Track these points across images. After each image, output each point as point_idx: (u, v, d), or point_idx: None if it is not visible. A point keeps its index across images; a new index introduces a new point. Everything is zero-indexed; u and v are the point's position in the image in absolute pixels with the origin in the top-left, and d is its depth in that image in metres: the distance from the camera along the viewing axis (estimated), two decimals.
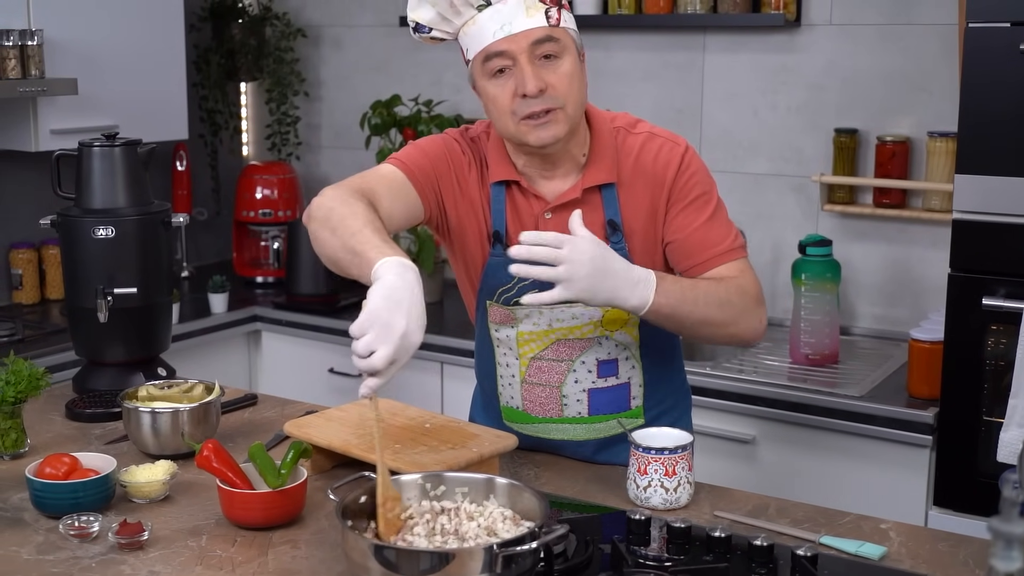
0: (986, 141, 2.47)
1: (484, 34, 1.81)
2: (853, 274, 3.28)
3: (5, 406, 2.03)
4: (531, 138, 1.84)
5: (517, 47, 1.80)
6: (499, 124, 1.88)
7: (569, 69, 1.83)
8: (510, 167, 1.94)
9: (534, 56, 1.81)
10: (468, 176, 1.97)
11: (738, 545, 1.64)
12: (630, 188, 1.92)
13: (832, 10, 3.26)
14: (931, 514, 2.64)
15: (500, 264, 1.94)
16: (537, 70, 1.80)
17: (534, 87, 1.79)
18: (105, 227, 2.33)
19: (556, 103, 1.82)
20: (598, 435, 2.02)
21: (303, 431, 1.96)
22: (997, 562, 0.99)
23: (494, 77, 1.83)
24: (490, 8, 1.81)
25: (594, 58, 3.66)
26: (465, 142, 1.99)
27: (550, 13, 1.82)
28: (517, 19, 1.80)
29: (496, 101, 1.84)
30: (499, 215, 1.95)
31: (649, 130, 1.97)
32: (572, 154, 1.92)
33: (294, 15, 4.26)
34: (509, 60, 1.81)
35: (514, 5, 1.80)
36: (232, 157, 4.35)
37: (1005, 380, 2.48)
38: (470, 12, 1.83)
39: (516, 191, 1.95)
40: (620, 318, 1.94)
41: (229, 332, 3.65)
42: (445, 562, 1.41)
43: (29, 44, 3.12)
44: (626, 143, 1.95)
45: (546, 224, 1.93)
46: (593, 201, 1.92)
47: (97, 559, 1.65)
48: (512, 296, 1.95)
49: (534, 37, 1.80)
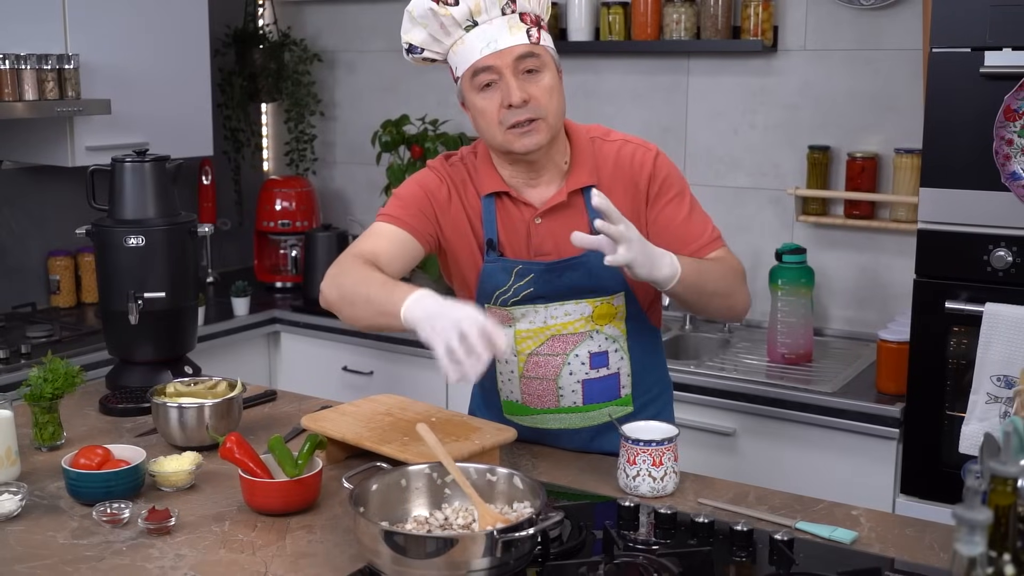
0: (948, 157, 2.47)
1: (472, 51, 1.84)
2: (826, 280, 3.28)
3: (43, 401, 2.03)
4: (517, 145, 1.85)
5: (502, 62, 1.82)
6: (487, 135, 1.90)
7: (549, 83, 1.86)
8: (498, 179, 1.95)
9: (518, 70, 1.83)
10: (448, 201, 1.98)
11: (720, 530, 1.64)
12: (610, 190, 1.92)
13: (806, 36, 3.26)
14: (898, 501, 2.63)
15: (495, 269, 1.94)
16: (521, 83, 1.83)
17: (518, 97, 1.82)
18: (136, 236, 2.33)
19: (538, 113, 1.84)
20: (592, 423, 2.01)
21: (319, 424, 1.95)
22: (961, 547, 0.98)
23: (482, 91, 1.85)
24: (477, 28, 1.84)
25: (586, 81, 3.68)
26: (442, 168, 2.00)
27: (531, 32, 1.84)
28: (502, 37, 1.82)
29: (485, 113, 1.86)
30: (490, 224, 1.96)
31: (622, 137, 1.99)
32: (555, 161, 1.94)
33: (311, 41, 4.26)
34: (495, 75, 1.83)
35: (499, 25, 1.83)
36: (253, 172, 4.35)
37: (966, 377, 2.48)
38: (458, 32, 1.85)
39: (506, 201, 1.96)
40: (609, 312, 1.95)
41: (250, 333, 3.64)
42: (449, 546, 1.40)
43: (66, 68, 3.12)
44: (602, 150, 1.97)
45: (537, 229, 1.93)
46: (578, 205, 1.94)
47: (128, 543, 1.64)
48: (510, 297, 1.95)
49: (517, 53, 1.83)
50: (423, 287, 1.68)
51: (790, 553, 1.57)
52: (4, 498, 1.74)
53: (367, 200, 4.18)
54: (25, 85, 3.03)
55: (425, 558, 1.40)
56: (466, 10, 1.83)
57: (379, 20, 4.10)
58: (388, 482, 1.61)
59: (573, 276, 1.93)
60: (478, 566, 1.40)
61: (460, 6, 1.83)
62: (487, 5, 1.83)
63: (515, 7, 1.84)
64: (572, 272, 1.93)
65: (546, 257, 1.94)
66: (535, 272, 1.93)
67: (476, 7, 1.83)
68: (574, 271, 1.93)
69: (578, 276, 1.93)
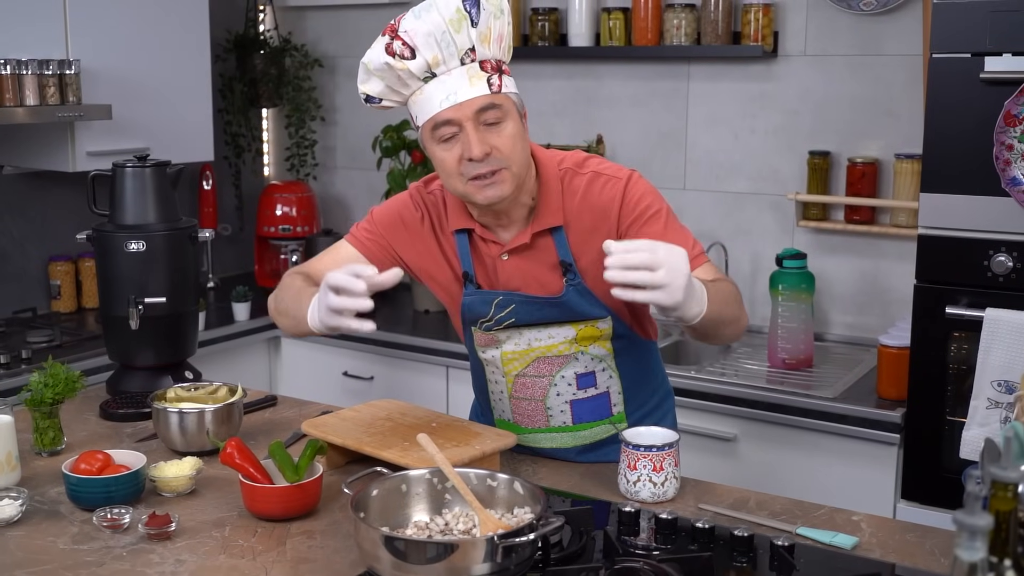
0: (949, 162, 2.47)
1: (431, 103, 1.78)
2: (826, 285, 3.28)
3: (44, 407, 2.03)
4: (479, 197, 1.81)
5: (462, 115, 1.76)
6: (448, 184, 1.85)
7: (512, 131, 1.79)
8: (467, 217, 1.92)
9: (479, 122, 1.77)
10: (421, 227, 1.97)
11: (721, 535, 1.64)
12: (578, 226, 1.89)
13: (806, 42, 3.26)
14: (899, 507, 2.63)
15: (475, 301, 1.94)
16: (482, 135, 1.77)
17: (480, 152, 1.76)
18: (137, 241, 2.33)
19: (501, 164, 1.78)
20: (583, 441, 2.00)
21: (319, 430, 1.95)
22: (962, 552, 0.98)
23: (442, 143, 1.79)
24: (435, 79, 1.77)
25: (587, 86, 3.68)
26: (422, 195, 1.99)
27: (492, 81, 1.77)
28: (461, 89, 1.76)
29: (444, 164, 1.81)
30: (465, 257, 1.94)
31: (595, 169, 1.91)
32: (521, 203, 1.89)
33: (311, 47, 4.26)
34: (455, 127, 1.77)
35: (458, 76, 1.76)
36: (254, 177, 4.35)
37: (967, 383, 2.48)
38: (416, 84, 1.79)
39: (476, 236, 1.93)
40: (593, 335, 1.93)
41: (251, 338, 3.64)
42: (450, 552, 1.40)
43: (67, 73, 3.12)
44: (572, 183, 1.90)
45: (504, 266, 1.92)
46: (544, 244, 1.90)
47: (128, 548, 1.64)
48: (491, 326, 1.94)
49: (478, 105, 1.76)
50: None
51: (791, 559, 1.56)
52: (4, 503, 1.74)
53: (368, 205, 4.17)
54: (26, 90, 3.04)
55: (425, 563, 1.40)
56: (423, 63, 1.75)
57: (380, 26, 4.02)
58: (388, 487, 1.61)
59: (553, 311, 1.91)
60: (479, 571, 1.40)
61: (417, 59, 1.75)
62: (445, 56, 1.75)
63: (475, 56, 1.76)
64: (552, 308, 1.90)
65: (518, 291, 1.92)
66: (516, 303, 1.91)
67: (434, 60, 1.75)
68: (554, 308, 1.90)
69: (559, 312, 1.91)
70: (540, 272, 1.91)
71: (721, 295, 1.75)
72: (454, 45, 1.75)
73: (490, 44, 1.78)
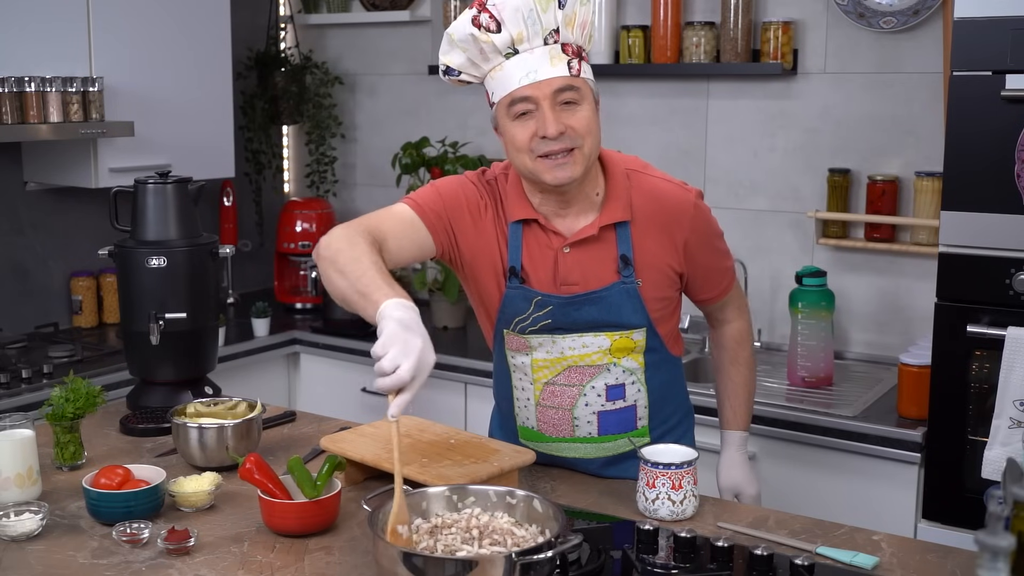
0: (969, 180, 2.46)
1: (510, 80, 1.81)
2: (846, 303, 3.26)
3: (64, 421, 2.04)
4: (547, 176, 1.83)
5: (541, 93, 1.80)
6: (517, 161, 1.87)
7: (587, 114, 1.83)
8: (527, 206, 1.93)
9: (555, 102, 1.80)
10: (484, 215, 1.95)
11: (740, 554, 1.63)
12: (643, 227, 1.91)
13: (826, 59, 3.26)
14: (920, 527, 2.61)
15: (516, 296, 1.93)
16: (558, 114, 1.80)
17: (554, 130, 1.79)
18: (158, 257, 2.34)
19: (575, 143, 1.81)
20: (607, 453, 2.01)
21: (338, 446, 1.95)
22: (984, 573, 0.97)
23: (517, 119, 1.83)
24: (517, 56, 1.81)
25: (607, 104, 3.67)
26: (481, 184, 1.98)
27: (572, 64, 1.81)
28: (542, 68, 1.79)
29: (515, 140, 1.83)
30: (515, 251, 1.93)
31: (662, 176, 1.97)
32: (586, 193, 1.91)
33: (332, 64, 4.29)
34: (532, 105, 1.81)
35: (540, 55, 1.80)
36: (274, 194, 4.37)
37: (989, 402, 2.46)
38: (498, 59, 1.82)
39: (533, 228, 1.93)
40: (627, 346, 1.94)
41: (270, 354, 3.65)
42: (468, 569, 1.40)
43: (91, 90, 3.15)
44: (640, 185, 1.94)
45: (565, 259, 1.92)
46: (608, 237, 1.91)
47: (147, 563, 1.64)
48: (528, 326, 1.94)
49: (556, 85, 1.80)
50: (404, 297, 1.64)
51: None
52: (25, 517, 1.75)
53: None
54: (50, 107, 3.07)
55: None
56: (508, 38, 1.79)
57: (400, 44, 4.12)
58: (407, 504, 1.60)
59: (592, 310, 1.91)
60: None
61: (502, 33, 1.79)
62: (530, 34, 1.79)
63: (558, 37, 1.80)
64: (592, 306, 1.91)
65: (572, 288, 1.91)
66: (554, 304, 1.91)
67: (518, 36, 1.79)
68: (594, 305, 1.91)
69: (598, 310, 1.91)
70: (599, 267, 1.91)
71: (748, 386, 2.17)
72: (540, 24, 1.79)
73: (574, 28, 1.82)
